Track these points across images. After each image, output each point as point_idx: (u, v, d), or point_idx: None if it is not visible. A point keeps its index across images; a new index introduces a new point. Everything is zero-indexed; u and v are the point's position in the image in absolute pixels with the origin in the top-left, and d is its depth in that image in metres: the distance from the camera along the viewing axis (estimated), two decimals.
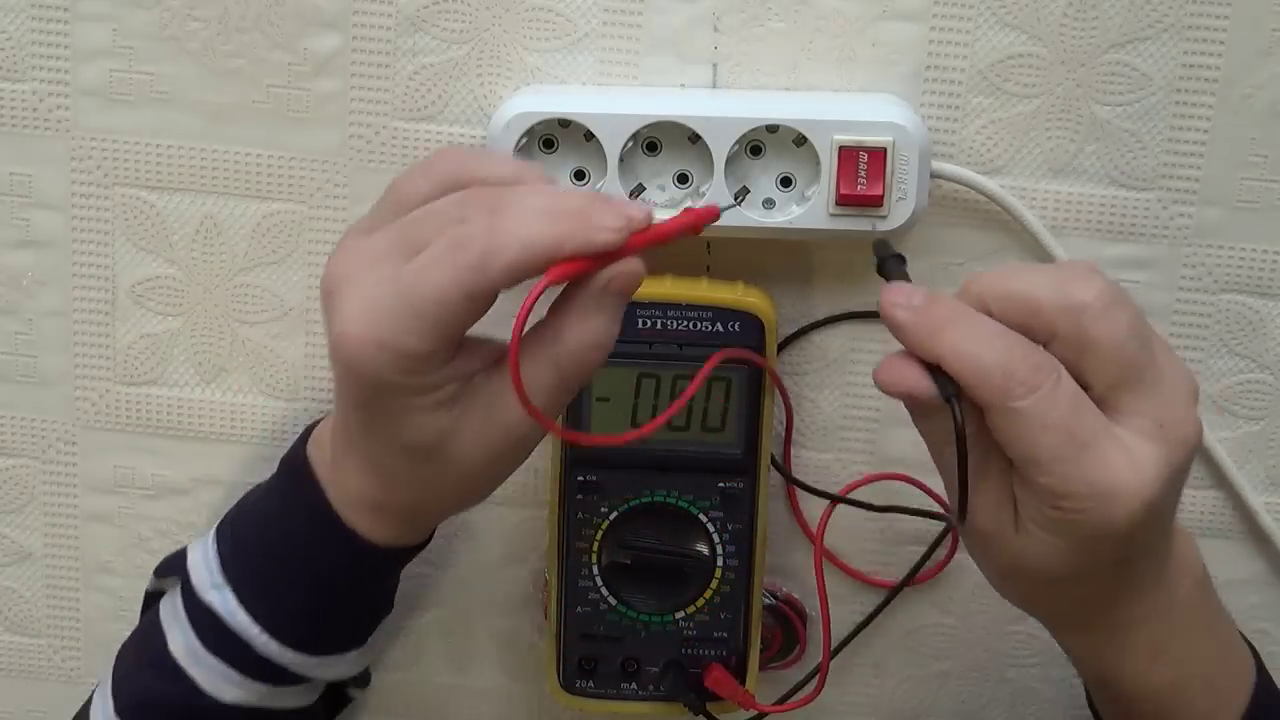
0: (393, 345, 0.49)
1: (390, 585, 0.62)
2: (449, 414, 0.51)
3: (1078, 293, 0.49)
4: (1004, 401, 0.47)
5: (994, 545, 0.51)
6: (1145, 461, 0.48)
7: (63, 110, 0.65)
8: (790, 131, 0.60)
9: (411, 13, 0.63)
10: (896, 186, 0.59)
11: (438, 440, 0.51)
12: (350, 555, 0.57)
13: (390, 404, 0.51)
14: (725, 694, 0.63)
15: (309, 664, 0.59)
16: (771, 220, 0.61)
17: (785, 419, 0.66)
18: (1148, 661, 0.54)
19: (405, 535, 0.58)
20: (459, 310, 0.48)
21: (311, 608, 0.58)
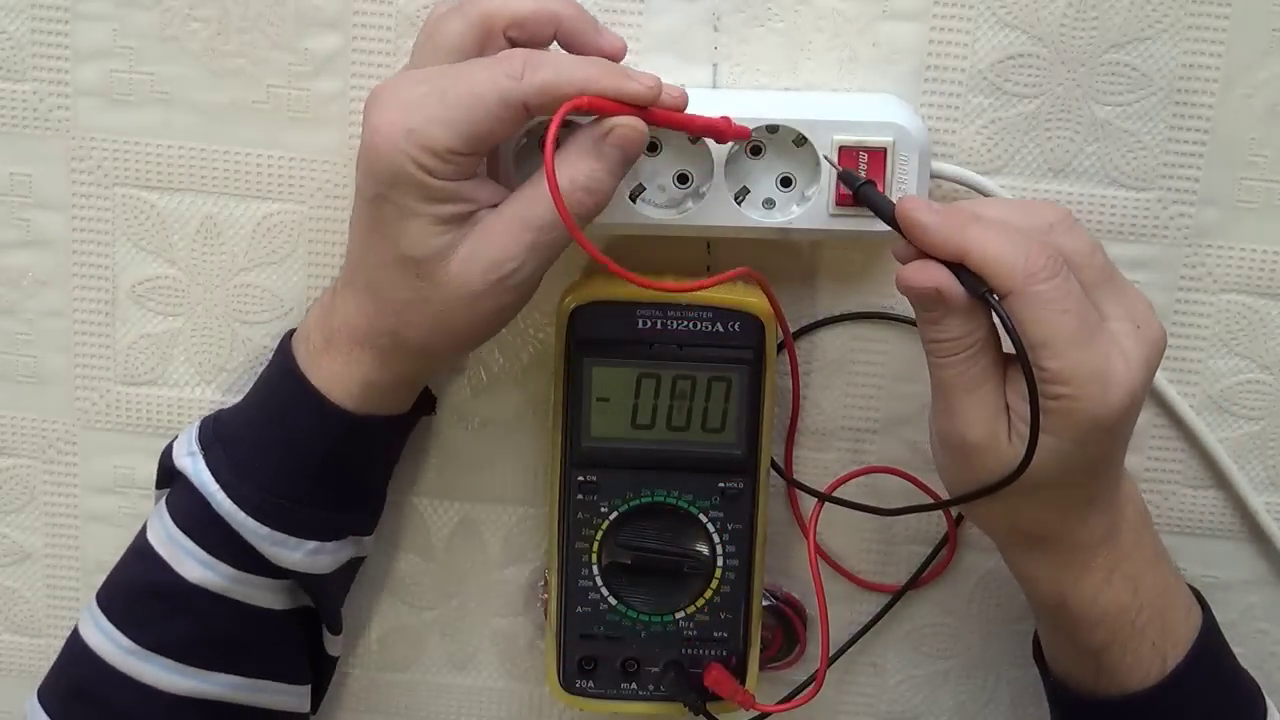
0: (422, 133, 0.52)
1: (361, 470, 0.62)
2: (447, 234, 0.54)
3: (1045, 214, 0.54)
4: (1027, 285, 0.51)
5: (985, 457, 0.54)
6: (1132, 354, 0.52)
7: (63, 110, 0.65)
8: (790, 131, 0.60)
9: (411, 13, 0.63)
10: (896, 186, 0.59)
11: (431, 257, 0.54)
12: (318, 419, 0.58)
13: (401, 203, 0.54)
14: (725, 694, 0.63)
15: (269, 542, 0.59)
16: (771, 220, 0.61)
17: (791, 412, 0.66)
18: (1102, 582, 0.56)
19: (382, 398, 0.59)
20: (489, 113, 0.52)
21: (275, 476, 0.59)
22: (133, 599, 0.61)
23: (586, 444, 0.62)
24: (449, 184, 0.54)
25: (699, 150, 0.60)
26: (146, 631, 0.60)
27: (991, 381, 0.53)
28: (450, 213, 0.54)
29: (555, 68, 0.53)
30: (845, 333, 0.66)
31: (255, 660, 0.62)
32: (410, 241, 0.54)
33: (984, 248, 0.52)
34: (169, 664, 0.60)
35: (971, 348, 0.53)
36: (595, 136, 0.54)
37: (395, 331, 0.57)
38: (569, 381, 0.62)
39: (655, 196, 0.61)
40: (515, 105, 0.53)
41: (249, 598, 0.60)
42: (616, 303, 0.61)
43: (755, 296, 0.62)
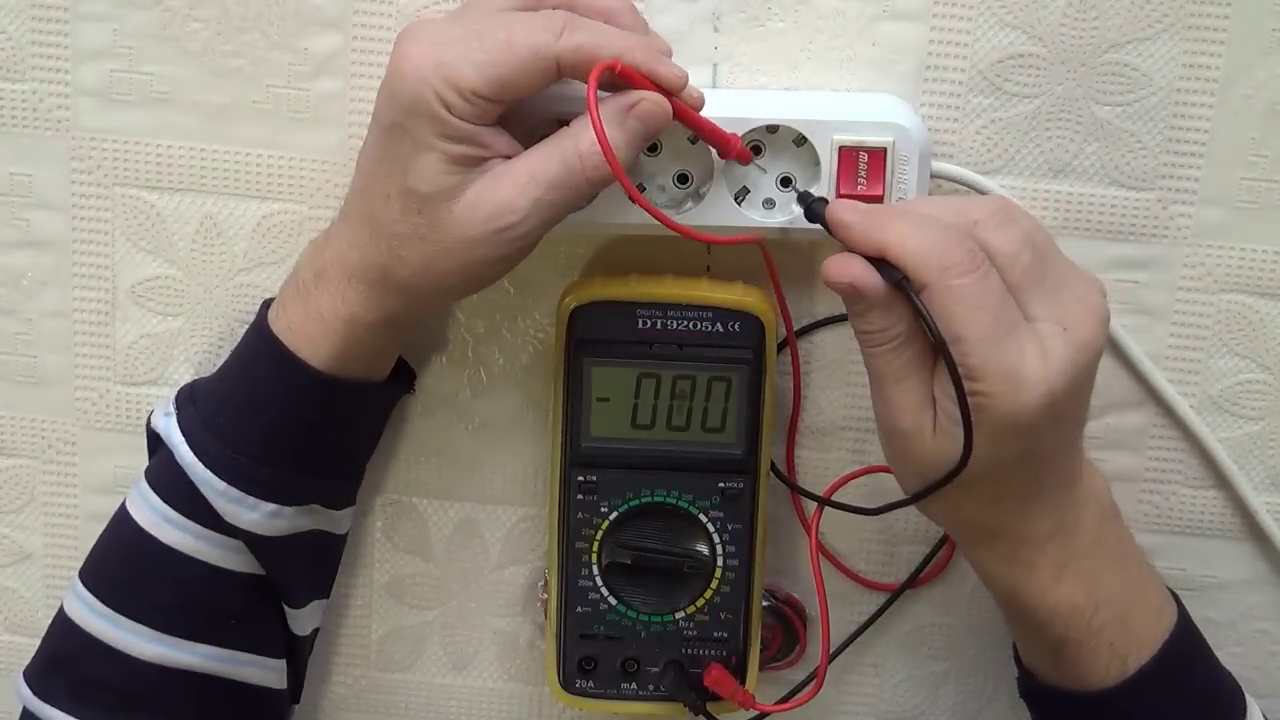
0: (451, 68, 0.53)
1: (327, 435, 0.61)
2: (456, 175, 0.54)
3: (972, 211, 0.54)
4: (942, 279, 0.51)
5: (913, 446, 0.54)
6: (1052, 355, 0.52)
7: (63, 110, 0.65)
8: (790, 131, 0.60)
9: (411, 13, 0.63)
10: (896, 186, 0.59)
11: (436, 194, 0.54)
12: (281, 374, 0.58)
13: (416, 135, 0.54)
14: (725, 694, 0.63)
15: (225, 499, 0.59)
16: (772, 220, 0.61)
17: (791, 410, 0.66)
18: (1051, 580, 0.56)
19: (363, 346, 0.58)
20: (520, 62, 0.53)
21: (237, 431, 0.59)
22: (111, 565, 0.62)
23: (586, 444, 0.62)
24: (467, 125, 0.54)
25: (699, 150, 0.60)
26: (124, 598, 0.61)
27: (918, 374, 0.54)
28: (462, 153, 0.54)
29: (594, 32, 0.54)
30: (845, 333, 0.66)
31: (231, 631, 0.62)
32: (418, 175, 0.54)
33: (902, 242, 0.52)
34: (147, 632, 0.60)
35: (895, 339, 0.53)
36: (622, 106, 0.54)
37: (386, 266, 0.57)
38: (569, 381, 0.62)
39: (655, 196, 0.61)
40: (548, 59, 0.53)
41: (218, 559, 0.60)
42: (616, 303, 0.61)
43: (755, 296, 0.62)
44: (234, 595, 0.62)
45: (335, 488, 0.63)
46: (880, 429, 0.56)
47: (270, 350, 0.59)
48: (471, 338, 0.67)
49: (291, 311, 0.59)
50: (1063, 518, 0.56)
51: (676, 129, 0.59)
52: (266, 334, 0.59)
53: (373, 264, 0.57)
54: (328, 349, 0.58)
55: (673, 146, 0.60)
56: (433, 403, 0.68)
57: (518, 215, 0.54)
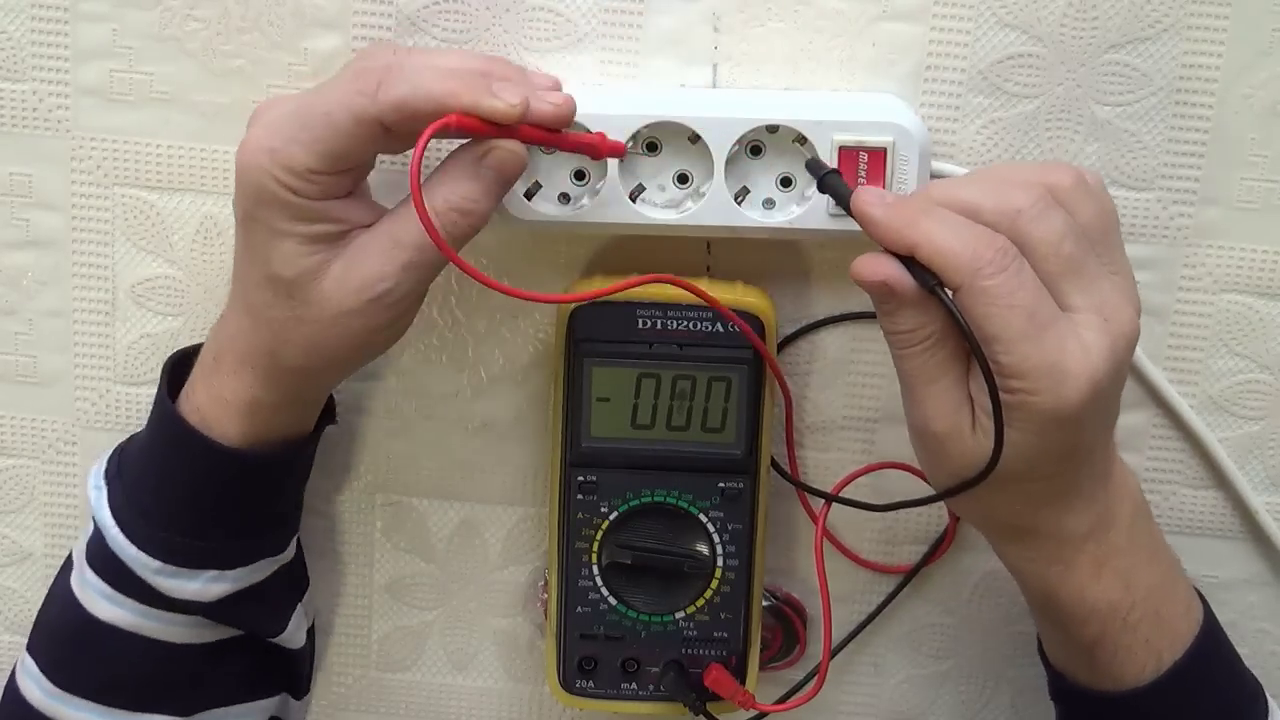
0: (282, 152, 0.53)
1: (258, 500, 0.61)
2: (317, 254, 0.54)
3: (1015, 199, 0.52)
4: (974, 280, 0.50)
5: (951, 447, 0.53)
6: (1093, 347, 0.51)
7: (63, 110, 0.65)
8: (790, 131, 0.60)
9: (411, 13, 0.63)
10: (896, 186, 0.59)
11: (301, 276, 0.54)
12: (202, 461, 0.58)
13: (269, 222, 0.54)
14: (725, 694, 0.63)
15: (162, 575, 0.59)
16: (771, 220, 0.61)
17: (785, 413, 0.66)
18: (1089, 577, 0.56)
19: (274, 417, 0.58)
20: (344, 130, 0.52)
21: (166, 511, 0.59)
22: (53, 642, 0.61)
23: (586, 444, 0.62)
24: (315, 203, 0.53)
25: (699, 150, 0.60)
26: (66, 674, 0.60)
27: (952, 374, 0.53)
28: (319, 232, 0.54)
29: (412, 83, 0.52)
30: (845, 333, 0.66)
31: (179, 698, 0.61)
32: (280, 261, 0.54)
33: (931, 242, 0.51)
34: (92, 706, 0.60)
35: (927, 340, 0.52)
36: (473, 157, 0.54)
37: (273, 351, 0.56)
38: (569, 381, 0.62)
39: (655, 196, 0.61)
40: (370, 123, 0.52)
41: (162, 634, 0.60)
42: (616, 303, 0.61)
43: (755, 296, 0.62)
44: (184, 665, 0.61)
45: (271, 540, 0.63)
46: (912, 431, 0.55)
47: (182, 433, 0.59)
48: (471, 338, 0.67)
49: (199, 392, 0.59)
50: (1100, 514, 0.56)
51: (675, 130, 0.59)
52: (172, 415, 0.59)
53: (260, 350, 0.57)
54: (236, 429, 0.58)
55: (672, 146, 0.60)
56: (433, 403, 0.68)
57: (389, 282, 0.54)
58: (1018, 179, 0.53)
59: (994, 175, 0.55)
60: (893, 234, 0.52)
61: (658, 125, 0.60)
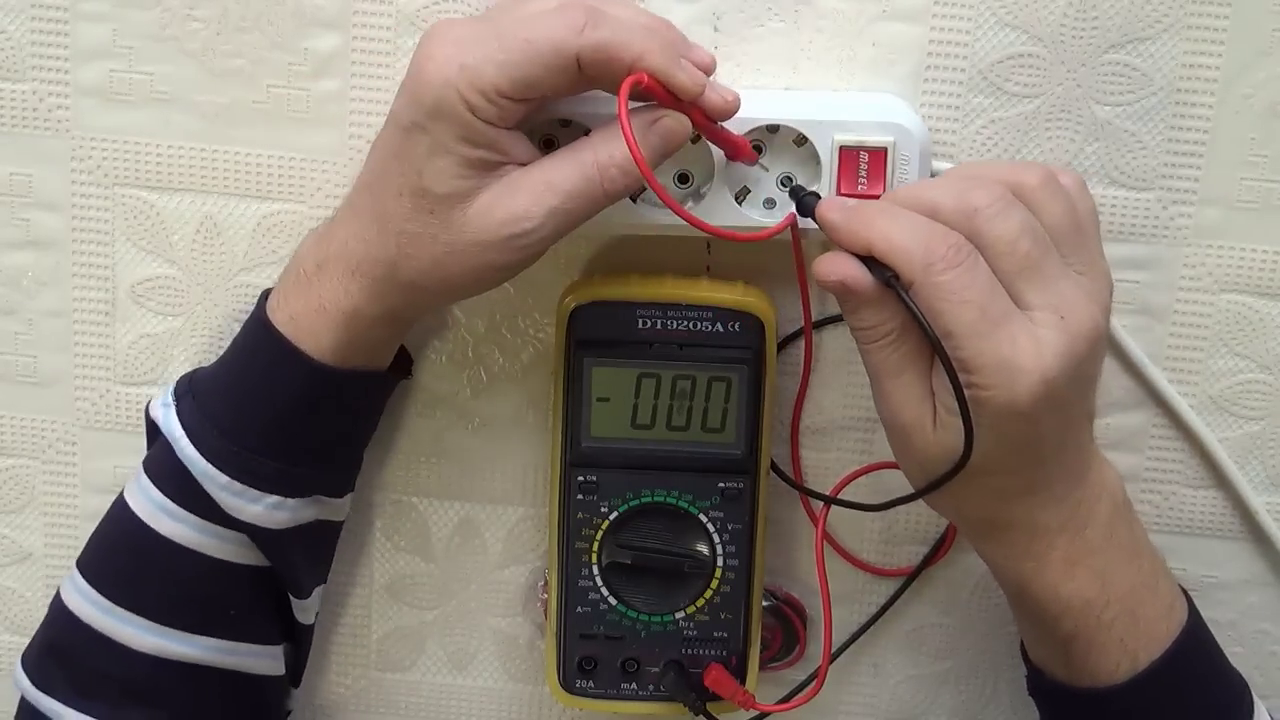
0: (474, 70, 0.53)
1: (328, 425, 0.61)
2: (472, 179, 0.54)
3: (973, 198, 0.53)
4: (927, 276, 0.51)
5: (914, 439, 0.54)
6: (1046, 344, 0.52)
7: (63, 110, 0.65)
8: (791, 131, 0.60)
9: (411, 13, 0.63)
10: (897, 186, 0.59)
11: (450, 196, 0.54)
12: (282, 367, 0.58)
13: (437, 135, 0.54)
14: (725, 694, 0.63)
15: (227, 492, 0.59)
16: (772, 220, 0.61)
17: (795, 406, 0.66)
18: (1062, 574, 0.56)
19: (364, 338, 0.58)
20: (542, 60, 0.53)
21: (238, 424, 0.59)
22: (110, 557, 0.62)
23: (586, 444, 0.62)
24: (487, 128, 0.54)
25: (699, 150, 0.60)
26: (123, 590, 0.61)
27: (915, 368, 0.54)
28: (479, 158, 0.54)
29: (615, 29, 0.53)
30: (845, 333, 0.66)
31: (229, 622, 0.62)
32: (434, 176, 0.54)
33: (887, 239, 0.52)
34: (146, 624, 0.60)
35: (889, 335, 0.53)
36: (644, 121, 0.55)
37: (393, 262, 0.56)
38: (569, 381, 0.62)
39: (655, 197, 0.61)
40: (568, 56, 0.53)
41: (219, 552, 0.60)
42: (616, 303, 0.61)
43: (755, 296, 0.62)
44: (233, 587, 0.62)
45: (336, 477, 0.63)
46: (883, 423, 0.56)
47: (270, 342, 0.59)
48: (471, 338, 0.67)
49: (293, 302, 0.59)
50: (1074, 511, 0.56)
51: None
52: (266, 326, 0.59)
53: (379, 259, 0.57)
54: (329, 340, 0.58)
55: None
56: (433, 403, 0.68)
57: (532, 223, 0.54)
58: (982, 178, 0.54)
59: (960, 174, 0.57)
60: (849, 235, 0.53)
61: None
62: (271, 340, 0.59)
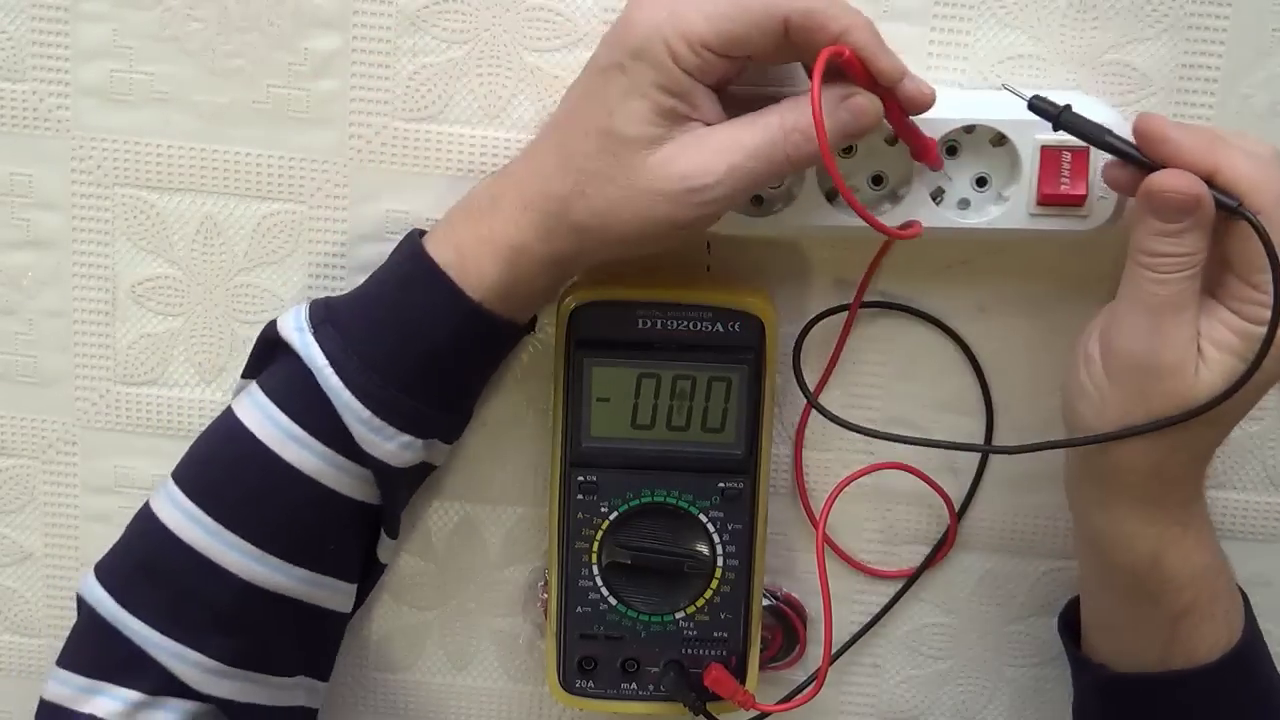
0: (684, 17, 0.53)
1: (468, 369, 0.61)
2: (660, 126, 0.54)
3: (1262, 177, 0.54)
4: (1276, 209, 0.52)
5: (1172, 382, 0.54)
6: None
7: (63, 110, 0.65)
8: (988, 131, 0.60)
9: (411, 13, 0.63)
10: (1099, 186, 0.59)
11: (637, 140, 0.54)
12: (442, 302, 0.58)
13: (636, 77, 0.54)
14: (725, 694, 0.63)
15: (367, 428, 0.58)
16: (968, 221, 0.60)
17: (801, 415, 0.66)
18: (1194, 543, 0.57)
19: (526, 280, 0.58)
20: (753, 17, 0.53)
21: (386, 359, 0.58)
22: (221, 476, 0.60)
23: (586, 444, 0.62)
24: (686, 79, 0.54)
25: (896, 152, 0.60)
26: (232, 511, 0.59)
27: (1195, 306, 0.54)
28: (672, 107, 0.54)
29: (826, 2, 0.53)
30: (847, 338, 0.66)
31: (326, 556, 0.61)
32: (625, 117, 0.54)
33: (1235, 167, 0.53)
34: (249, 549, 0.59)
35: (1196, 266, 0.53)
36: (837, 95, 0.54)
37: (567, 199, 0.56)
38: (569, 381, 0.62)
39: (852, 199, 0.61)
40: (777, 17, 0.53)
41: (337, 484, 0.60)
42: (616, 303, 0.61)
43: (755, 296, 0.62)
44: (338, 522, 0.61)
45: (458, 422, 0.63)
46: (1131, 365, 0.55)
47: (430, 278, 0.58)
48: None
49: (460, 232, 0.58)
50: (1198, 485, 0.57)
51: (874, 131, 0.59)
52: (426, 261, 0.58)
53: (553, 195, 0.56)
54: (493, 275, 0.58)
55: (868, 147, 0.60)
56: None
57: (713, 178, 0.54)
58: None
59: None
60: (1197, 155, 0.53)
61: None
62: (432, 276, 0.58)
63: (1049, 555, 0.69)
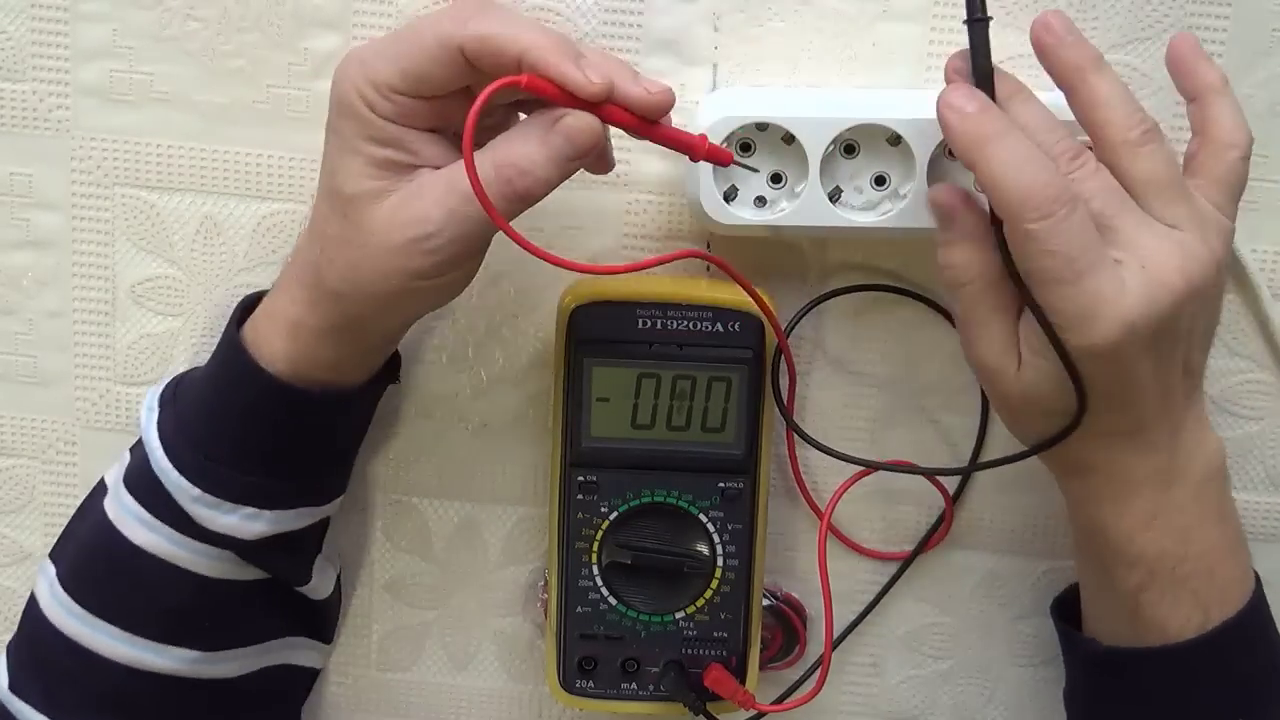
0: (370, 65, 0.53)
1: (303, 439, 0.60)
2: (380, 180, 0.54)
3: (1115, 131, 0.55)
4: (1018, 222, 0.52)
5: (1000, 380, 0.56)
6: (1130, 288, 0.52)
7: (63, 110, 0.65)
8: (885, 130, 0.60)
9: (411, 13, 0.63)
10: None
11: (359, 197, 0.54)
12: (244, 380, 0.58)
13: (344, 134, 0.54)
14: (725, 694, 0.63)
15: (200, 505, 0.59)
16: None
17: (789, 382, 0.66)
18: (1140, 524, 0.56)
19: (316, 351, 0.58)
20: (428, 51, 0.52)
21: (208, 435, 0.59)
22: (83, 564, 0.61)
23: (586, 444, 0.62)
24: (390, 125, 0.53)
25: (900, 152, 0.60)
26: (95, 598, 0.60)
27: (1003, 313, 0.55)
28: (387, 157, 0.54)
29: (504, 23, 0.52)
30: (845, 333, 0.66)
31: (205, 633, 0.61)
32: (344, 176, 0.54)
33: (990, 169, 0.52)
34: (118, 633, 0.60)
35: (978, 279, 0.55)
36: (546, 121, 0.53)
37: (318, 268, 0.56)
38: (569, 381, 0.62)
39: (852, 199, 0.61)
40: (451, 48, 0.52)
41: (191, 564, 0.60)
42: (616, 303, 0.61)
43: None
44: (207, 600, 0.61)
45: (314, 490, 0.63)
46: (971, 367, 0.57)
47: (234, 355, 0.59)
48: (471, 338, 0.67)
49: (260, 309, 0.60)
50: (1163, 465, 0.56)
51: (874, 131, 0.59)
52: (231, 337, 0.59)
53: (309, 265, 0.57)
54: (281, 350, 0.58)
55: (870, 148, 0.60)
56: (433, 403, 0.68)
57: (433, 225, 0.53)
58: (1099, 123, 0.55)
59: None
60: (958, 147, 0.53)
61: (858, 127, 0.59)
62: (234, 352, 0.59)
63: (1049, 555, 0.69)
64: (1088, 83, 0.55)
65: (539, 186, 0.53)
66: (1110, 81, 0.55)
